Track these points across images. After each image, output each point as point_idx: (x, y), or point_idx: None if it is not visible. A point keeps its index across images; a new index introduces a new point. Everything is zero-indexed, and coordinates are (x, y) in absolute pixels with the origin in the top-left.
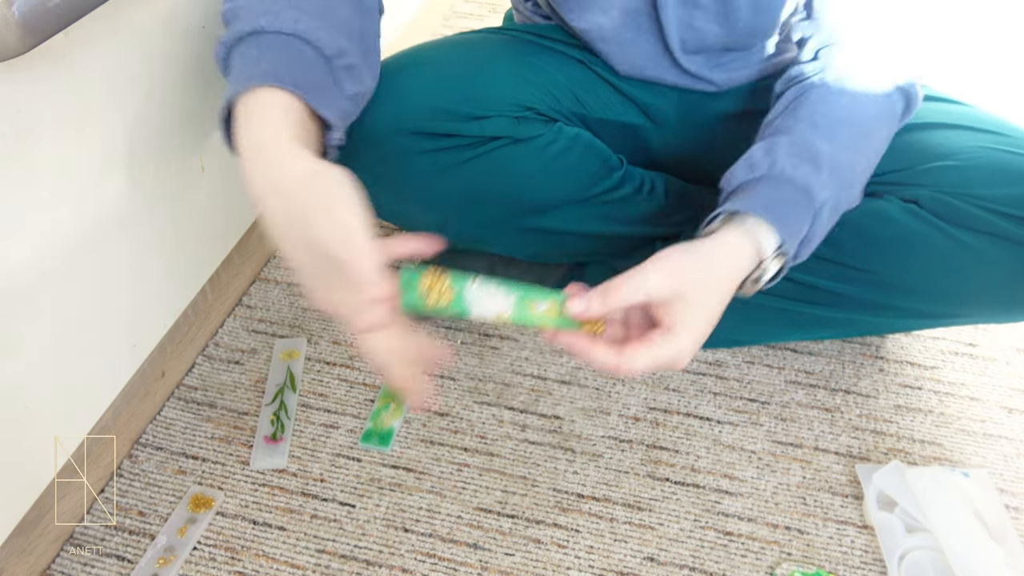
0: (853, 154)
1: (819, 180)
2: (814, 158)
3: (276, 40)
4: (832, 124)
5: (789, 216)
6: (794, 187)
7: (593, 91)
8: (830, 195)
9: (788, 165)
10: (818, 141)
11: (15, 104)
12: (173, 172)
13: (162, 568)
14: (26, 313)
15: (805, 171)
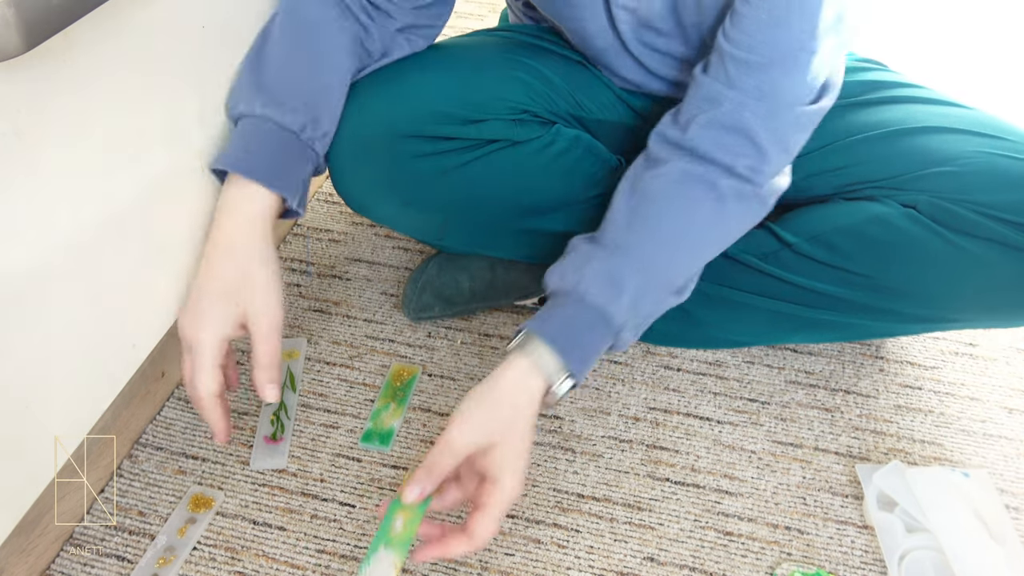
0: (673, 265)
1: (619, 306)
2: (617, 285)
3: (251, 124)
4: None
5: (582, 342)
6: (592, 312)
7: (591, 92)
8: (625, 323)
9: (592, 288)
10: (628, 269)
11: (15, 104)
12: (173, 172)
13: (162, 568)
14: (26, 313)
15: (606, 298)
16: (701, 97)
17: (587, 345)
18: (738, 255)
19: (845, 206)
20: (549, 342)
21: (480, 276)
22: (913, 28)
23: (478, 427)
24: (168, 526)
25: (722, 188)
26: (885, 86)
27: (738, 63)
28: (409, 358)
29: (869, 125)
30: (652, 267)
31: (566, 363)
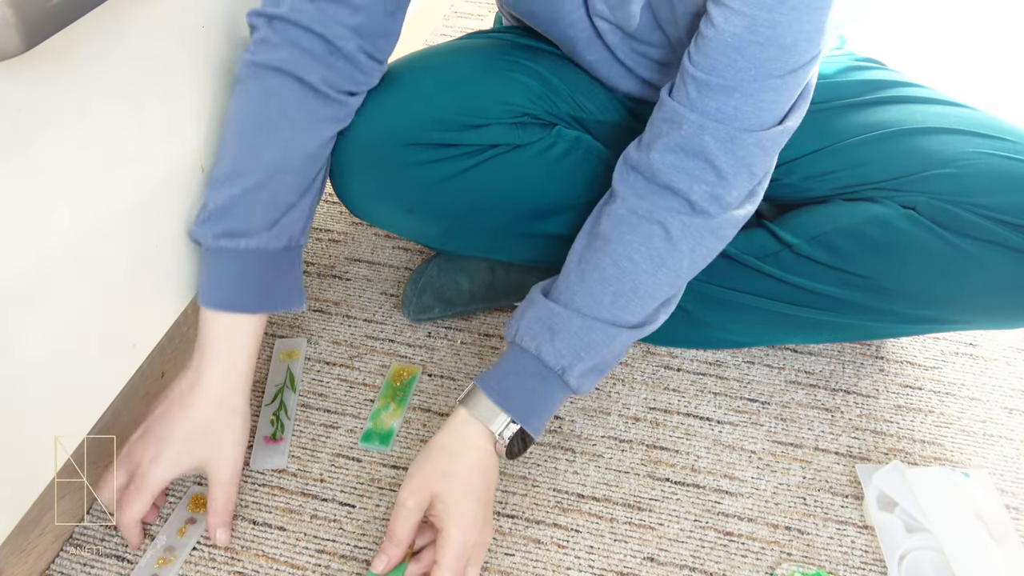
0: (618, 306)
1: (553, 349)
2: (552, 326)
3: (234, 257)
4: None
5: (520, 387)
6: (528, 356)
7: (590, 94)
8: (573, 361)
9: (527, 335)
10: (564, 309)
11: (15, 104)
12: (173, 172)
13: (162, 568)
14: (26, 313)
15: (539, 342)
16: (662, 119)
17: (526, 390)
18: (738, 256)
19: (845, 207)
20: (485, 389)
21: (480, 277)
22: (913, 28)
23: (419, 484)
24: (168, 526)
25: (670, 226)
26: (884, 86)
27: (699, 85)
28: (409, 358)
29: (869, 126)
30: (593, 309)
31: (503, 408)
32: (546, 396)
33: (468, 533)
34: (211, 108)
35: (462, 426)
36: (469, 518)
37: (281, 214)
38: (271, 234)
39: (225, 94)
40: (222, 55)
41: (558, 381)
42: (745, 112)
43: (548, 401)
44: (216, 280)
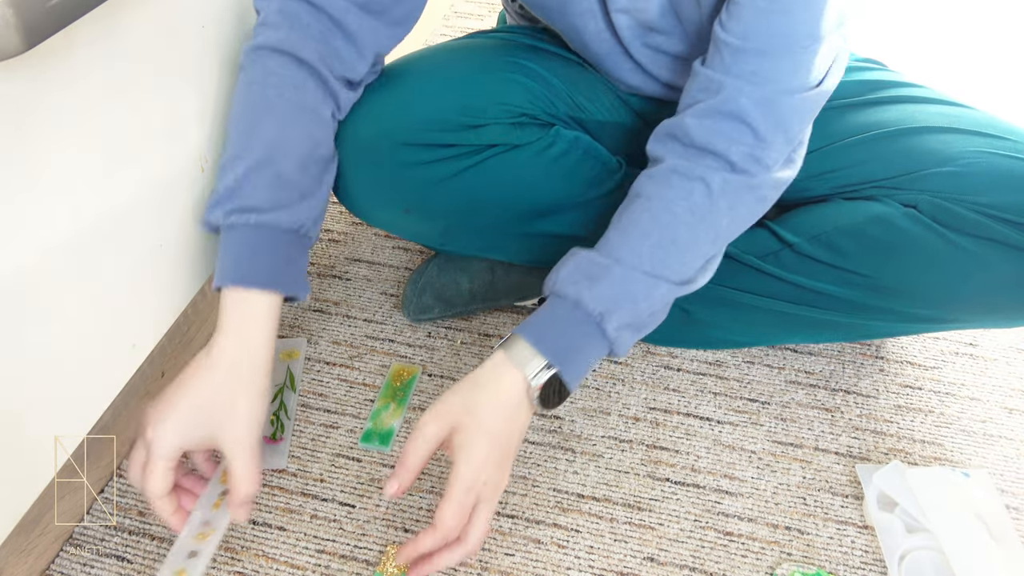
0: (657, 258)
1: (593, 295)
2: (592, 274)
3: (244, 232)
4: (639, 235)
5: (557, 332)
6: (568, 303)
7: (590, 94)
8: (605, 311)
9: (567, 282)
10: (604, 258)
11: (15, 104)
12: (173, 172)
13: (200, 544)
14: (26, 313)
15: (579, 288)
16: (697, 88)
17: (563, 335)
18: (738, 255)
19: (846, 206)
20: (523, 334)
21: (480, 277)
22: (913, 28)
23: (441, 413)
24: (203, 500)
25: (711, 181)
26: (885, 86)
27: (734, 50)
28: (409, 358)
29: (869, 125)
30: (633, 259)
31: (540, 351)
32: (583, 345)
33: (478, 471)
34: (211, 108)
35: (497, 367)
36: (482, 456)
37: (290, 196)
38: (281, 213)
39: (226, 94)
40: (222, 55)
41: (596, 330)
42: (782, 74)
43: (585, 350)
44: (228, 256)
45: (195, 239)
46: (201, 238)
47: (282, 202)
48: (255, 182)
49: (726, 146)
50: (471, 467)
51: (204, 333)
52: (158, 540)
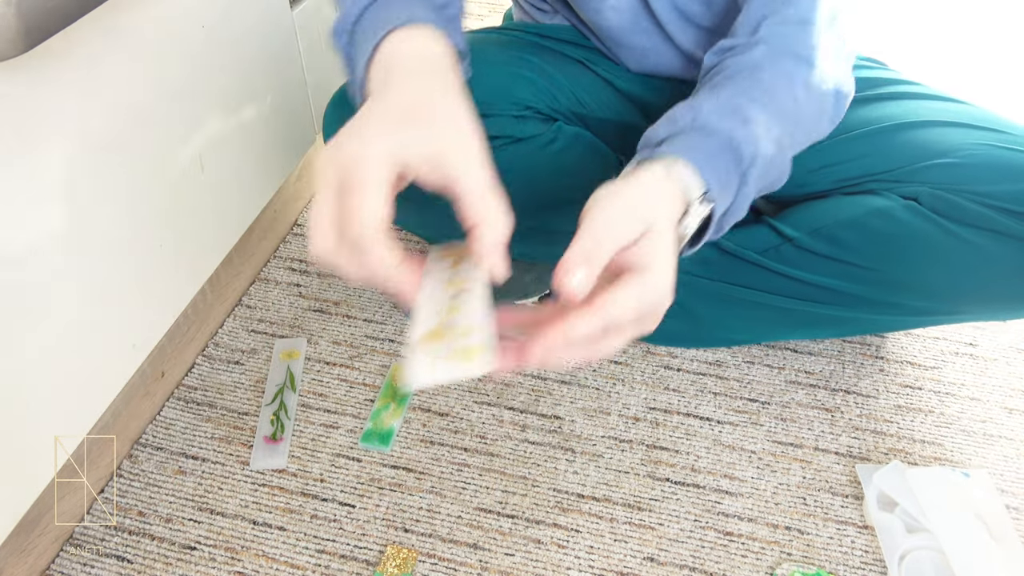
0: (782, 125)
1: (746, 134)
2: (741, 115)
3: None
4: (763, 92)
5: (713, 163)
6: (719, 138)
7: (592, 91)
8: (755, 155)
9: (713, 118)
10: (746, 102)
11: (15, 104)
12: (173, 172)
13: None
14: (26, 312)
15: (730, 124)
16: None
17: (719, 169)
18: (738, 251)
19: (846, 200)
20: (683, 154)
21: None
22: (912, 28)
23: (633, 210)
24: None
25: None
26: (884, 83)
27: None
28: None
29: (869, 120)
30: (766, 106)
31: (703, 177)
32: (730, 182)
33: (671, 291)
34: (211, 108)
35: (663, 183)
36: (674, 277)
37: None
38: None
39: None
40: (222, 55)
41: (736, 177)
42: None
43: (730, 190)
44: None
45: (195, 239)
46: (201, 238)
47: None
48: None
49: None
50: (670, 279)
51: (204, 333)
52: (158, 540)
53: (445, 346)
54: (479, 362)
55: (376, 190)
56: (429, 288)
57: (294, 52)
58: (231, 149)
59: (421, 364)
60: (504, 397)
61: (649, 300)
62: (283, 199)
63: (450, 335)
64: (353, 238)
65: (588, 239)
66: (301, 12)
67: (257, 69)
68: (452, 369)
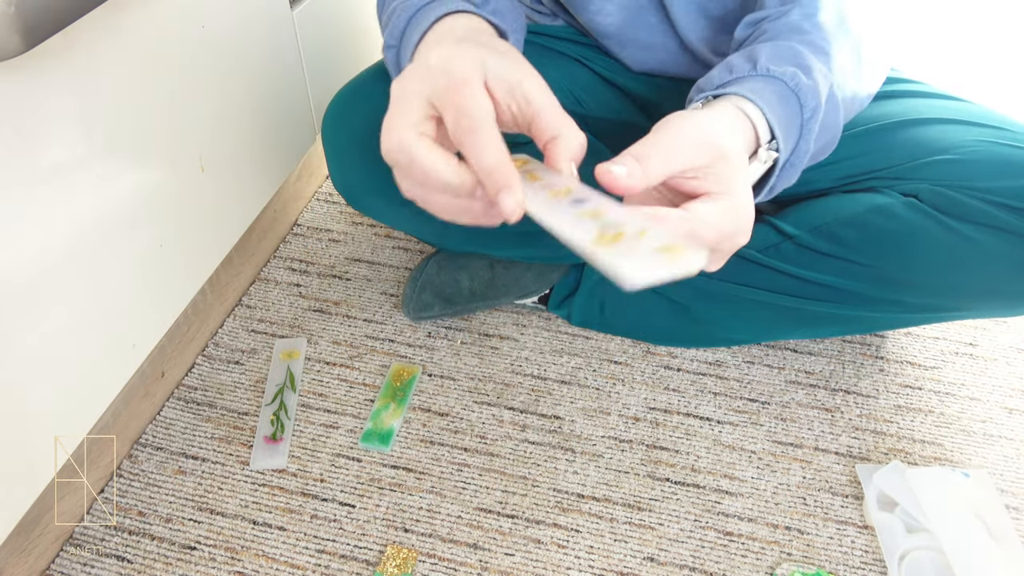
0: (833, 79)
1: (808, 85)
2: (801, 62)
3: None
4: (811, 46)
5: (778, 108)
6: (782, 85)
7: (591, 90)
8: (817, 106)
9: (773, 65)
10: (802, 51)
11: (15, 104)
12: (173, 172)
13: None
14: (26, 313)
15: (792, 72)
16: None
17: (784, 116)
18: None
19: (846, 198)
20: (751, 96)
21: (479, 275)
22: (912, 27)
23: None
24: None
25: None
26: (885, 81)
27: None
28: (409, 358)
29: (869, 119)
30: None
31: (771, 123)
32: (795, 131)
33: (751, 221)
34: (211, 108)
35: (736, 120)
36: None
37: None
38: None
39: (225, 94)
40: (222, 55)
41: (797, 129)
42: None
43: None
44: (417, 26)
45: (195, 239)
46: (201, 238)
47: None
48: None
49: None
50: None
51: (204, 333)
52: (158, 540)
53: (637, 246)
54: (690, 258)
55: (480, 85)
56: (534, 195)
57: (294, 52)
58: (231, 149)
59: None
60: (504, 397)
61: (731, 225)
62: (283, 199)
63: (627, 237)
64: (464, 130)
65: (649, 145)
66: (301, 12)
67: (257, 69)
68: (669, 267)
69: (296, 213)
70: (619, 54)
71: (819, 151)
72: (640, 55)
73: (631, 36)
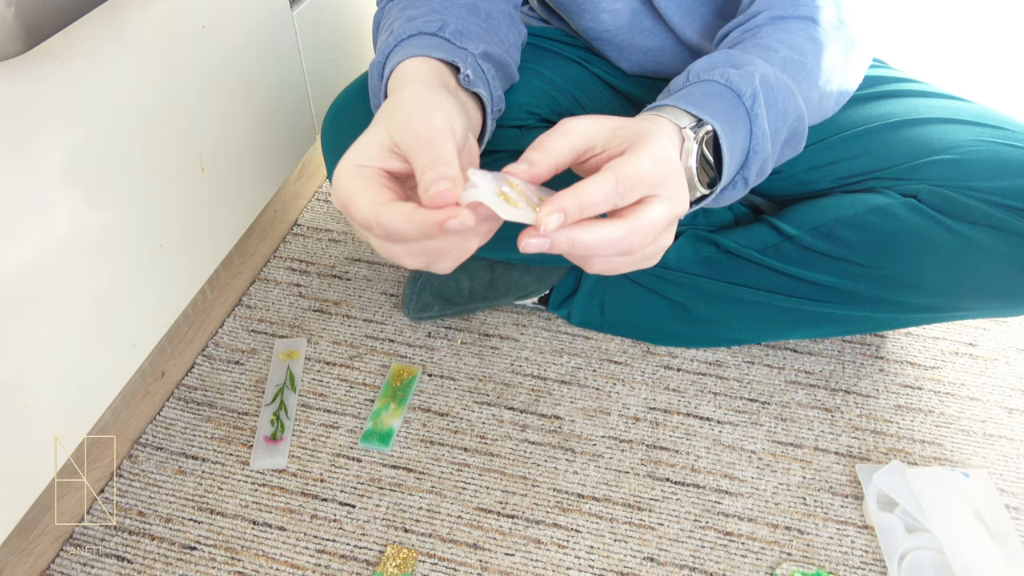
0: (785, 71)
1: (740, 75)
2: (731, 62)
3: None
4: (759, 46)
5: (705, 101)
6: (711, 85)
7: (591, 92)
8: (755, 92)
9: (703, 72)
10: (739, 54)
11: (15, 104)
12: (173, 172)
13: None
14: (26, 313)
15: (720, 72)
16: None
17: (715, 106)
18: (738, 250)
19: (846, 198)
20: (673, 101)
21: (479, 275)
22: (912, 27)
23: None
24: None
25: (816, 26)
26: (884, 81)
27: None
28: (409, 358)
29: (870, 118)
30: (772, 56)
31: (695, 112)
32: (729, 114)
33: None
34: (211, 108)
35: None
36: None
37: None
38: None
39: (225, 94)
40: (222, 55)
41: (743, 113)
42: None
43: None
44: (399, 56)
45: (195, 239)
46: (201, 238)
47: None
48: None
49: (812, 12)
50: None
51: (204, 333)
52: (158, 540)
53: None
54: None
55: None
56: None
57: (294, 52)
58: (231, 149)
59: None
60: (504, 397)
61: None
62: (283, 199)
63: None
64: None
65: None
66: (301, 12)
67: (257, 69)
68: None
69: (296, 213)
70: (616, 58)
71: (790, 135)
72: (638, 58)
73: (628, 40)
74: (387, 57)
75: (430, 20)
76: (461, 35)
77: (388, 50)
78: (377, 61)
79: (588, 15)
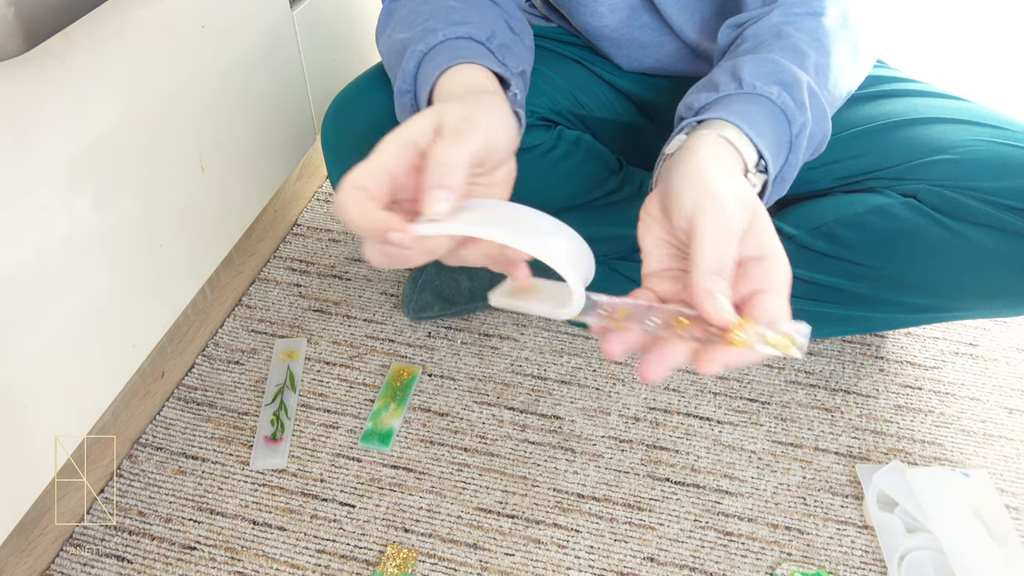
0: (819, 82)
1: (793, 101)
2: (784, 80)
3: (446, 45)
4: (795, 52)
5: (763, 128)
6: (769, 103)
7: (590, 90)
8: (805, 122)
9: (759, 83)
10: (786, 63)
11: (15, 104)
12: (173, 172)
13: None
14: (26, 313)
15: (777, 91)
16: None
17: (772, 136)
18: None
19: (846, 198)
20: (736, 119)
21: (479, 275)
22: (912, 27)
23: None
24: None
25: (828, 25)
26: (884, 81)
27: None
28: (409, 358)
29: (869, 118)
30: (805, 66)
31: (758, 145)
32: (781, 148)
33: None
34: (211, 108)
35: (721, 150)
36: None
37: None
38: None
39: (225, 94)
40: (222, 55)
41: (787, 143)
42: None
43: (782, 156)
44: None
45: (195, 239)
46: (201, 238)
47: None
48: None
49: (820, 7)
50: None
51: (204, 333)
52: (158, 540)
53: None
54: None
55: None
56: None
57: (294, 52)
58: (231, 149)
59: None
60: (504, 397)
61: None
62: (283, 199)
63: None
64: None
65: (710, 252)
66: (301, 12)
67: (257, 69)
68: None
69: (296, 213)
70: (615, 56)
71: (809, 156)
72: (637, 55)
73: (626, 37)
74: (431, 48)
75: (480, 26)
76: (505, 49)
77: (435, 41)
78: (419, 50)
79: (587, 10)
